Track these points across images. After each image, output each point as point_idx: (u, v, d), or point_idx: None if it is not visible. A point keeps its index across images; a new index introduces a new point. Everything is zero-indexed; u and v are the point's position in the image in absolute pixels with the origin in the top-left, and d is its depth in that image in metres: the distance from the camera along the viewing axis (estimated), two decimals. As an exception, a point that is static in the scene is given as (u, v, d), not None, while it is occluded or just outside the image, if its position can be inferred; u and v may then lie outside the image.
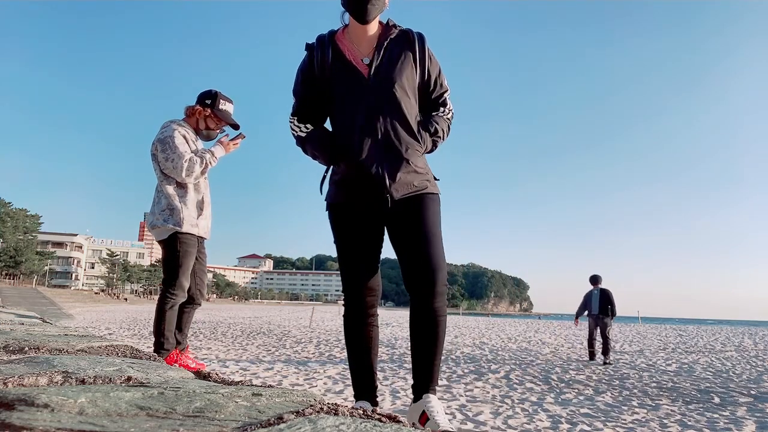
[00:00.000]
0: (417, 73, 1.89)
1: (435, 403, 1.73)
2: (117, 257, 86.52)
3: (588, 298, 8.97)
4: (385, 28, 1.90)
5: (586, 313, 9.01)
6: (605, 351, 8.22)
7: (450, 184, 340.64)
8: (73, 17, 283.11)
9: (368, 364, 1.87)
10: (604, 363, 8.00)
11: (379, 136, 1.79)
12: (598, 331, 8.63)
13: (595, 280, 9.00)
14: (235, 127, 3.45)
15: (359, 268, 1.86)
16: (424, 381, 1.77)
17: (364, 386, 1.86)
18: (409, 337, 2.16)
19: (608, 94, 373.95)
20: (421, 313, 1.78)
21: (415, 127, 1.84)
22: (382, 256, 1.96)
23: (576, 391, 4.79)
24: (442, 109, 1.95)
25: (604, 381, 5.51)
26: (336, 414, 0.81)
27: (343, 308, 1.94)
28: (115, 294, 73.61)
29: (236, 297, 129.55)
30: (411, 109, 1.86)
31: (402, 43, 1.89)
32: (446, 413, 3.55)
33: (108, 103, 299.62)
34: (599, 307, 8.74)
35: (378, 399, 1.91)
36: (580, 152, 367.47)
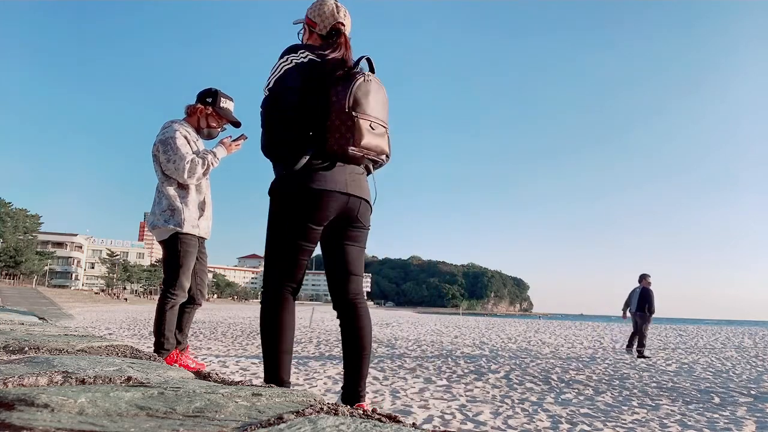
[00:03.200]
0: None
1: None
2: (117, 257, 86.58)
3: (630, 295, 9.28)
4: None
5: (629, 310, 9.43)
6: (637, 343, 8.81)
7: (450, 184, 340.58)
8: (72, 19, 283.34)
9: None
10: (629, 352, 8.40)
11: None
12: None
13: (641, 278, 9.42)
14: (236, 124, 3.44)
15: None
16: None
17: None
18: (407, 337, 2.22)
19: (607, 95, 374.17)
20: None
21: None
22: (382, 256, 2.00)
23: (576, 391, 4.79)
24: None
25: (604, 381, 5.51)
26: (336, 414, 0.81)
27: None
28: (115, 294, 73.59)
29: (236, 297, 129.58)
30: None
31: None
32: (446, 413, 3.55)
33: (108, 103, 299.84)
34: (637, 304, 9.17)
35: (378, 399, 1.91)
36: (579, 153, 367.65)
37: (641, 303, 9.10)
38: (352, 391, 1.90)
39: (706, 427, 3.46)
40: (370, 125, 1.85)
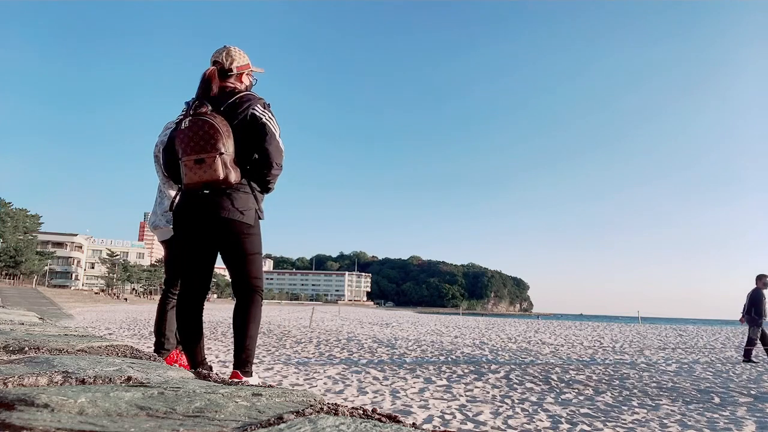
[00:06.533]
0: None
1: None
2: (117, 257, 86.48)
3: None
4: None
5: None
6: (746, 343, 8.55)
7: (450, 183, 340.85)
8: (73, 17, 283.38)
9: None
10: (747, 360, 8.26)
11: None
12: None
13: (756, 279, 9.01)
14: None
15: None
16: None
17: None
18: (407, 337, 2.27)
19: (608, 97, 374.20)
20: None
21: None
22: (382, 256, 2.03)
23: (576, 391, 4.79)
24: None
25: (604, 381, 5.51)
26: (336, 414, 0.81)
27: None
28: (115, 294, 73.57)
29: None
30: None
31: None
32: (446, 413, 3.55)
33: (108, 103, 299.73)
34: (746, 307, 8.85)
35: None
36: (579, 153, 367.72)
37: (748, 306, 8.79)
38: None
39: (706, 427, 3.46)
40: (193, 162, 2.12)
